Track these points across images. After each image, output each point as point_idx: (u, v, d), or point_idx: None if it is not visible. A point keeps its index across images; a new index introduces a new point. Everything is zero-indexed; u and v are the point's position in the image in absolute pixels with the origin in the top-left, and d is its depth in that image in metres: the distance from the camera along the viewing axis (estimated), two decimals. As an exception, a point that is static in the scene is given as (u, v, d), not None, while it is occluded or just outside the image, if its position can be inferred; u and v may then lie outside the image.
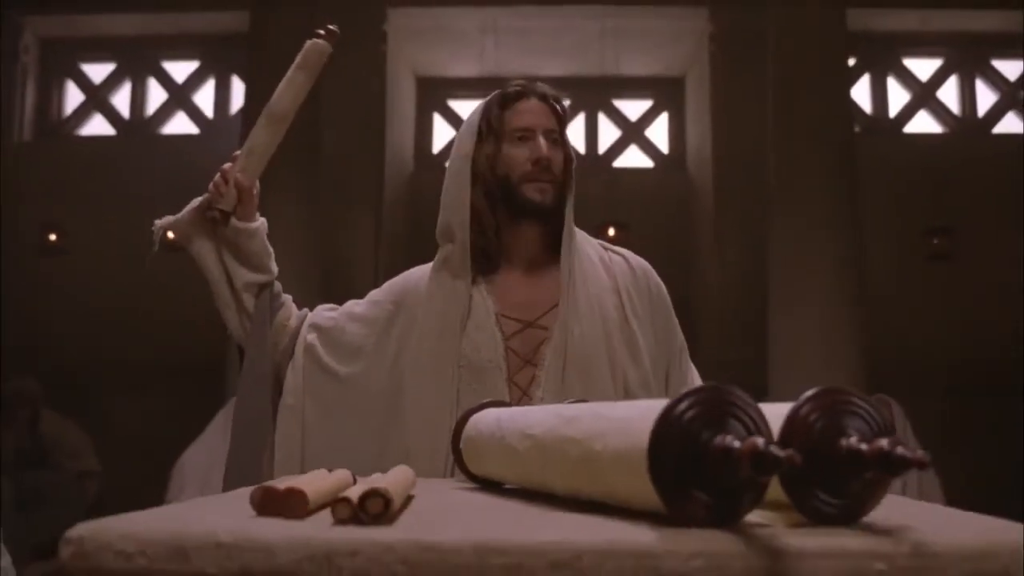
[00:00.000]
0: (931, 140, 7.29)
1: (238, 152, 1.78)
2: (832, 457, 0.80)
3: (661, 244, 6.77)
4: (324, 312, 1.77)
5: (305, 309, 1.78)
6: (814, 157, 5.45)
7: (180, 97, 7.63)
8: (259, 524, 0.82)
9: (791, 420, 0.80)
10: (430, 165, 7.75)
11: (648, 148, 7.94)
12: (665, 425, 0.78)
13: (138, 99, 7.62)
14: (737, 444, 0.74)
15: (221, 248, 1.72)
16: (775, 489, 0.82)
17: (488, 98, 1.75)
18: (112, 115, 7.63)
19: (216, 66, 7.60)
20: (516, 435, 1.08)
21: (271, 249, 1.76)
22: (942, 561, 0.75)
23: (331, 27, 1.78)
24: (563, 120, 1.75)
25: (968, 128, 7.35)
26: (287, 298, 1.78)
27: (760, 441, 0.73)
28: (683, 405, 0.78)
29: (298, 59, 1.78)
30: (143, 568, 0.77)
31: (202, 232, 1.72)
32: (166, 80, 7.65)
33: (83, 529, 0.78)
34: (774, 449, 0.72)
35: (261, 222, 1.75)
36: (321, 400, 1.66)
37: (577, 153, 1.81)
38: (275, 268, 1.76)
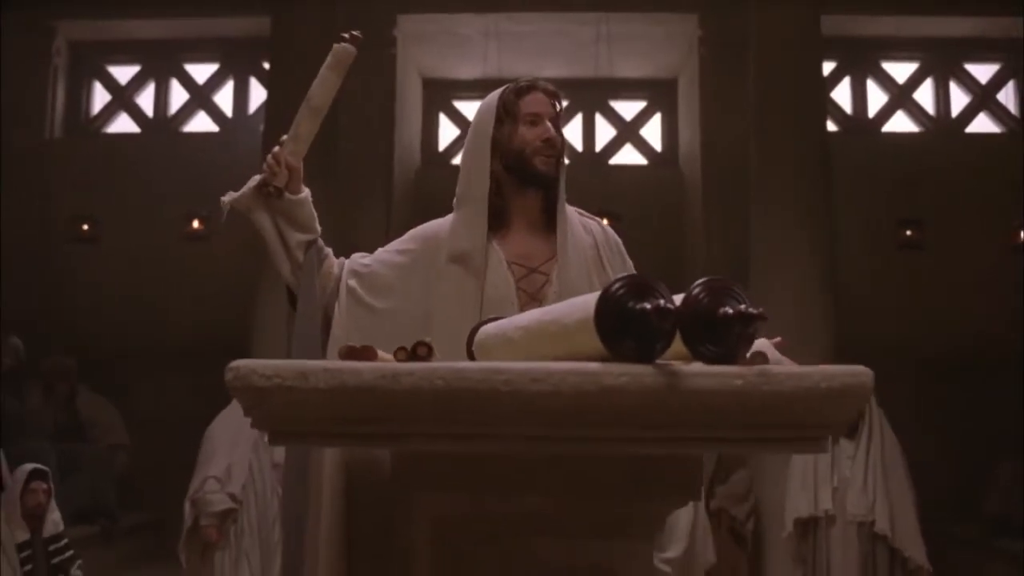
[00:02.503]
0: (908, 139, 7.73)
1: (285, 137, 2.19)
2: (714, 320, 1.25)
3: (653, 235, 7.23)
4: (359, 260, 2.20)
5: (342, 258, 2.21)
6: (792, 154, 5.87)
7: (201, 97, 8.08)
8: (349, 363, 1.28)
9: (687, 297, 1.26)
10: (436, 161, 8.17)
11: (642, 146, 8.34)
12: (605, 298, 1.23)
13: (161, 99, 8.08)
14: (648, 306, 1.20)
15: (275, 216, 2.14)
16: (680, 347, 1.27)
17: (502, 89, 2.19)
18: (137, 114, 8.08)
19: (235, 68, 8.04)
20: (512, 329, 1.54)
21: (315, 213, 2.19)
22: (777, 378, 1.21)
23: (355, 32, 2.20)
24: (560, 112, 2.21)
25: (942, 128, 7.79)
26: (329, 251, 2.20)
27: (661, 302, 1.19)
28: (616, 286, 1.24)
29: (328, 60, 2.17)
30: (277, 385, 1.23)
31: (259, 204, 2.14)
32: (188, 81, 8.09)
33: (239, 362, 1.24)
34: (668, 305, 1.18)
35: (307, 192, 2.18)
36: (362, 330, 2.10)
37: (574, 150, 2.26)
38: (319, 228, 2.18)
